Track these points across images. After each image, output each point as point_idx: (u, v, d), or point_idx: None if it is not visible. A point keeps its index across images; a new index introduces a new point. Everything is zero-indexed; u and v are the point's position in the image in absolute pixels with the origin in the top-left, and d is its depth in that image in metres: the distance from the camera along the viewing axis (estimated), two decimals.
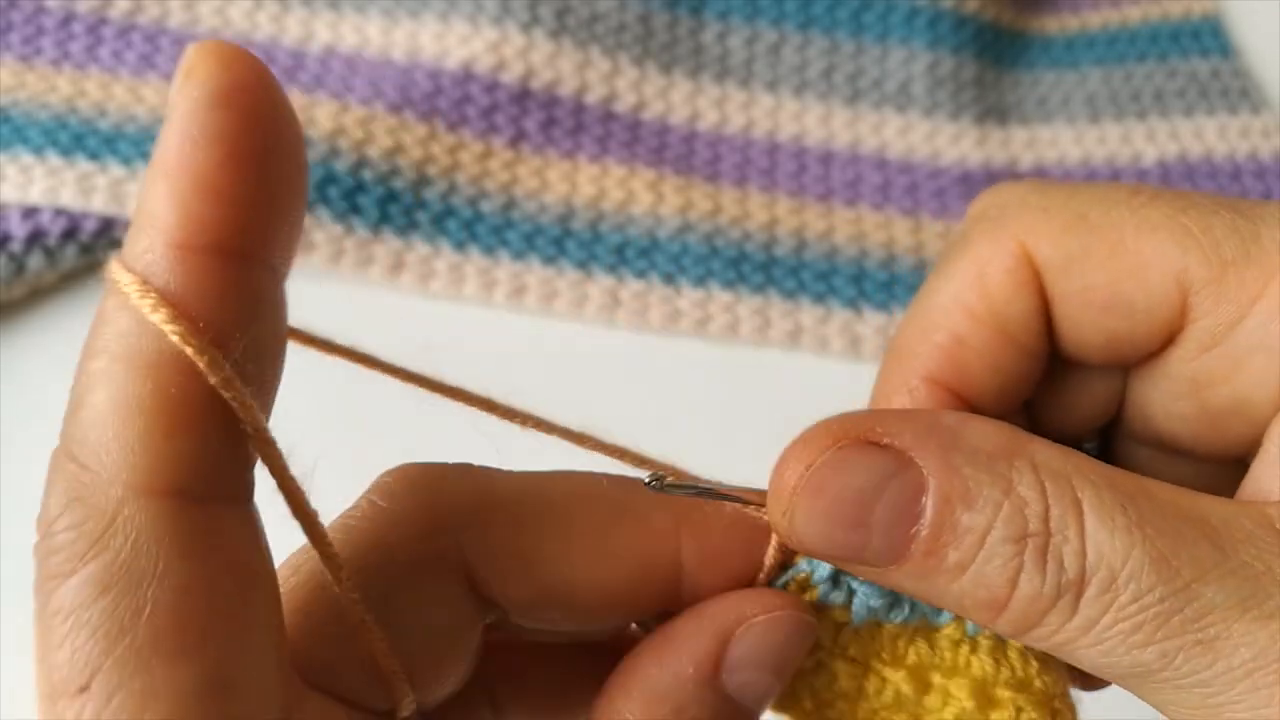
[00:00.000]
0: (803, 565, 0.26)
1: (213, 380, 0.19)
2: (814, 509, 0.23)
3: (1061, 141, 0.69)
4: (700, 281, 0.60)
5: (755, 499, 0.25)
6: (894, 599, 0.26)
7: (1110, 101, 0.70)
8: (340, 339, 0.27)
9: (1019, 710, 0.25)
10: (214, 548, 0.20)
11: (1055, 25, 0.76)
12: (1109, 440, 0.30)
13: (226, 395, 0.19)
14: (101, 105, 0.63)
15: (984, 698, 0.25)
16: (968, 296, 0.26)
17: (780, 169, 0.67)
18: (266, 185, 0.20)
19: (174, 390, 0.19)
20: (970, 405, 0.27)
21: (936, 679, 0.26)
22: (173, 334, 0.19)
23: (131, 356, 0.19)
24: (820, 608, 0.26)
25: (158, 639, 0.19)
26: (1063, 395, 0.29)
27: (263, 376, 0.21)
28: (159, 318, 0.19)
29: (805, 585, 0.26)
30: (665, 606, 0.26)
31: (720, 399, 0.57)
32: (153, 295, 0.19)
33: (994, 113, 0.70)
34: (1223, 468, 0.27)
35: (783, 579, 0.26)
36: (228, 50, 0.20)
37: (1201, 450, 0.27)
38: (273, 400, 0.22)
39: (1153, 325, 0.26)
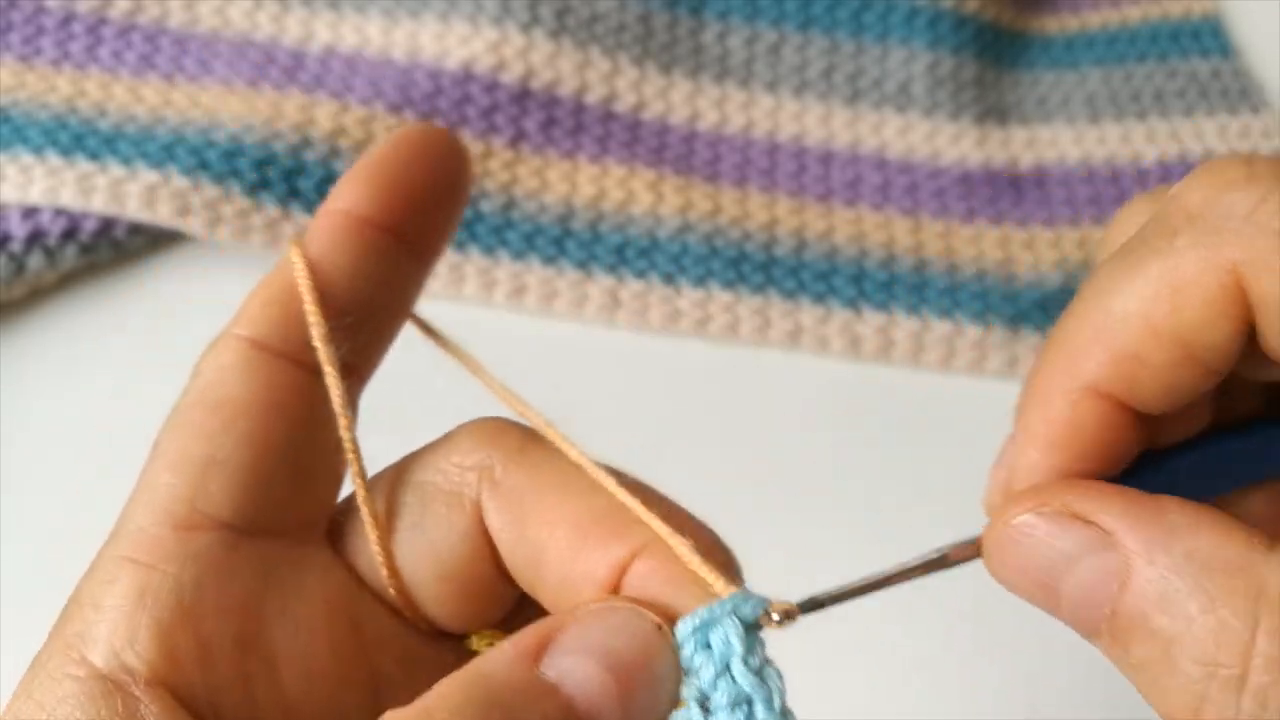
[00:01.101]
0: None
1: (303, 291, 0.27)
2: (1004, 569, 0.24)
3: (1061, 141, 0.69)
4: (700, 281, 0.60)
5: (919, 572, 0.25)
6: None
7: (1110, 101, 0.70)
8: None
9: None
10: (260, 377, 0.27)
11: (1055, 25, 0.76)
12: None
13: (306, 299, 0.27)
14: (101, 105, 0.63)
15: None
16: (1156, 314, 0.24)
17: (780, 169, 0.67)
18: (429, 191, 0.28)
19: (286, 290, 0.28)
20: (1134, 412, 0.25)
21: None
22: (296, 262, 0.28)
23: (277, 271, 0.28)
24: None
25: (191, 422, 0.27)
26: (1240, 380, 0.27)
27: (376, 329, 0.29)
28: (297, 262, 0.27)
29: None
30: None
31: (720, 399, 0.57)
32: (300, 253, 0.28)
33: (994, 113, 0.70)
34: None
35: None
36: (425, 127, 0.29)
37: None
38: (380, 352, 0.29)
39: None
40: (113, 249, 0.58)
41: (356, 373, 0.28)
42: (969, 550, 0.25)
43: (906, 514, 0.51)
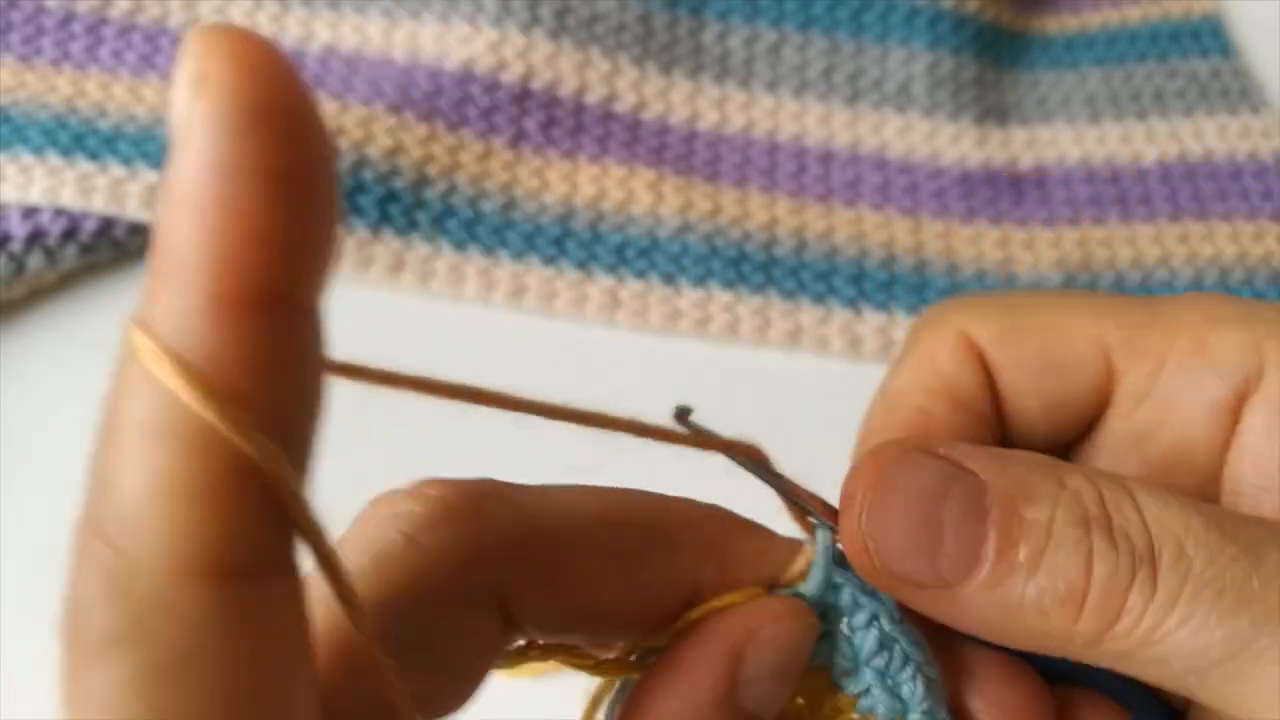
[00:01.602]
0: (805, 589, 0.26)
1: (253, 456, 0.17)
2: (888, 506, 0.24)
3: (1061, 141, 0.69)
4: (700, 281, 0.60)
5: (805, 495, 0.26)
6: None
7: (1110, 101, 0.70)
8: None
9: None
10: (261, 624, 0.18)
11: (1055, 25, 0.76)
12: None
13: (265, 468, 0.17)
14: (101, 105, 0.63)
15: None
16: (922, 377, 0.29)
17: (780, 169, 0.67)
18: (306, 219, 0.18)
19: (215, 468, 0.17)
20: None
21: None
22: (208, 413, 0.17)
23: (165, 433, 0.17)
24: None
25: None
26: None
27: (306, 423, 0.19)
28: (187, 393, 0.17)
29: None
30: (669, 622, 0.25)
31: (720, 399, 0.57)
32: (180, 366, 0.17)
33: (994, 113, 0.70)
34: None
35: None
36: (243, 44, 0.16)
37: None
38: (315, 440, 0.20)
39: (1085, 384, 0.28)
40: (113, 249, 0.58)
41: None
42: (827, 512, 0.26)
43: None
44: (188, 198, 0.17)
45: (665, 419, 0.28)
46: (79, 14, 0.67)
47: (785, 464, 0.31)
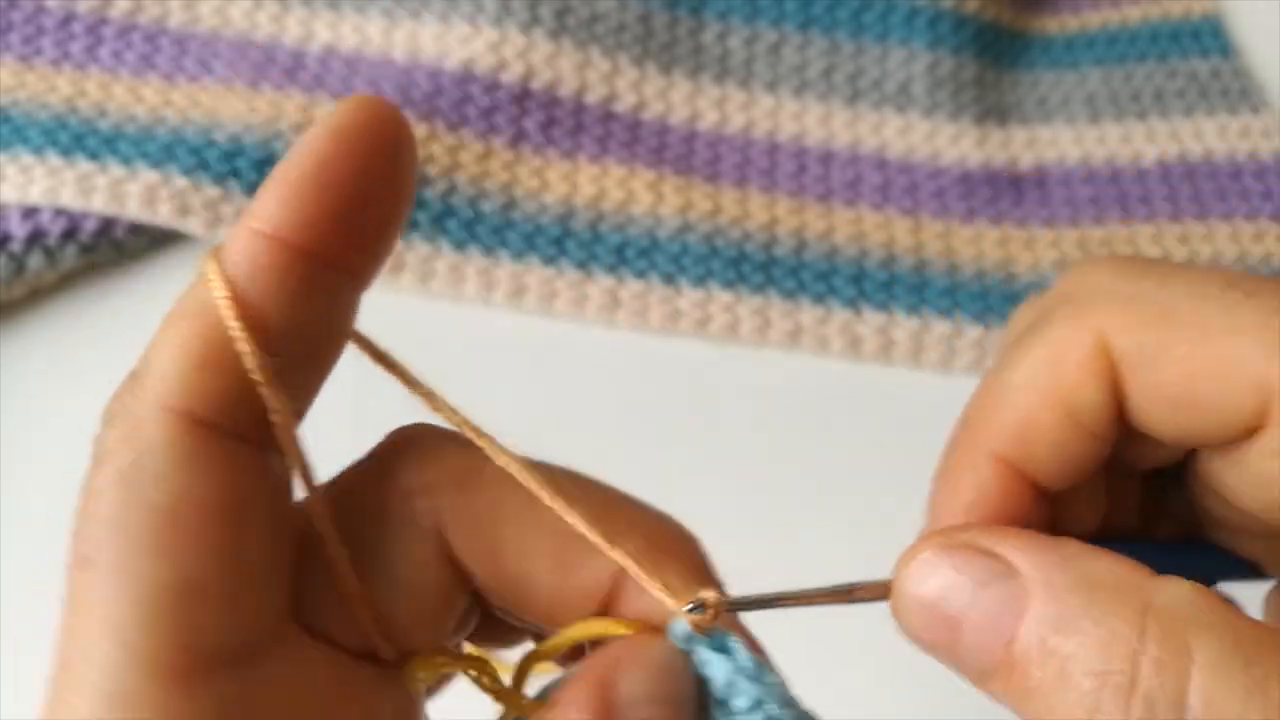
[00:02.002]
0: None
1: (234, 337, 0.23)
2: (915, 602, 0.24)
3: (1061, 141, 0.69)
4: (700, 281, 0.60)
5: (825, 598, 0.25)
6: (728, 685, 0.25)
7: (1110, 101, 0.70)
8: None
9: None
10: (215, 468, 0.23)
11: (1055, 25, 0.76)
12: (1188, 487, 0.29)
13: (241, 349, 0.23)
14: (101, 105, 0.63)
15: None
16: (1041, 380, 0.27)
17: (780, 169, 0.67)
18: (361, 209, 0.24)
19: (211, 339, 0.23)
20: (1035, 484, 0.27)
21: None
22: (218, 300, 0.23)
23: (192, 313, 0.24)
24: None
25: (147, 534, 0.22)
26: (1126, 451, 0.28)
27: (313, 357, 0.25)
28: (217, 287, 0.23)
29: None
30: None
31: (720, 399, 0.57)
32: (220, 275, 0.23)
33: (994, 113, 0.70)
34: None
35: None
36: (371, 98, 0.24)
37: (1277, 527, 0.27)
38: (317, 387, 0.26)
39: (1225, 424, 0.25)
40: (113, 249, 0.58)
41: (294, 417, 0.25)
42: (878, 590, 0.25)
43: (906, 514, 0.51)
44: (280, 167, 0.23)
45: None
46: (79, 14, 0.67)
47: (787, 464, 0.31)
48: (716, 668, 0.25)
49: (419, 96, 0.64)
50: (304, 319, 0.24)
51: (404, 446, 0.26)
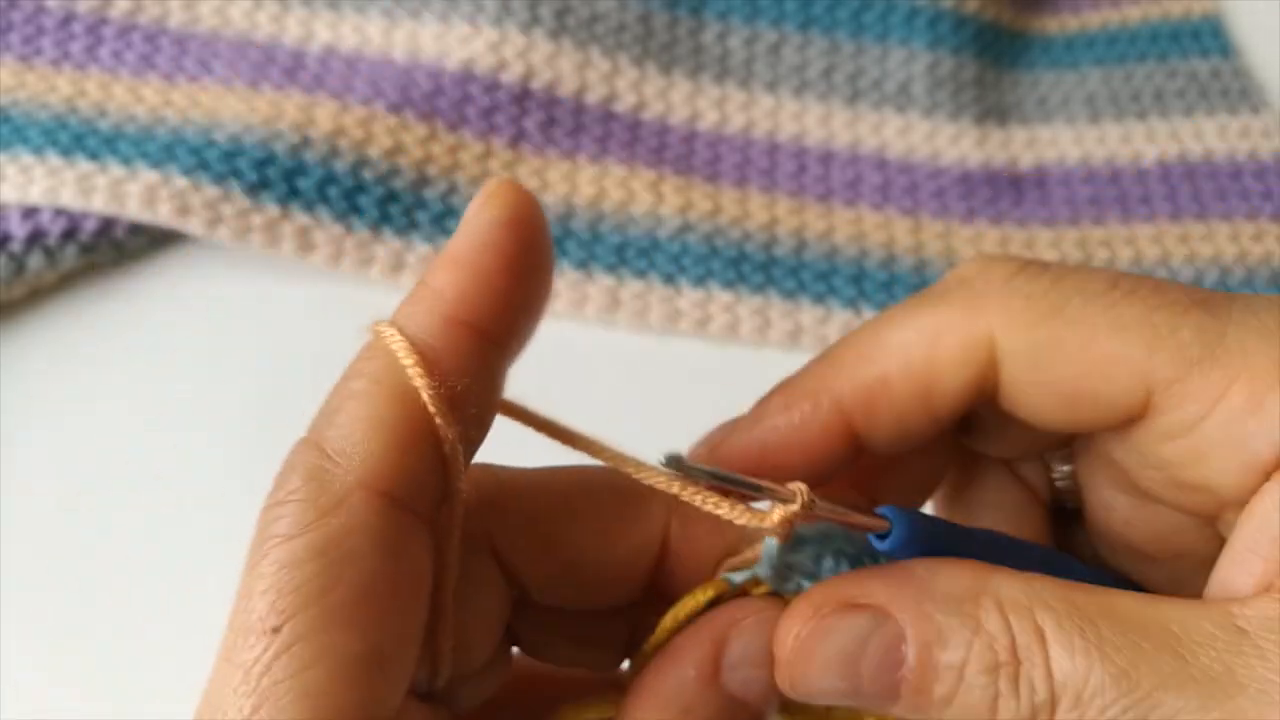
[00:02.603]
0: (759, 570, 0.28)
1: (437, 419, 0.24)
2: (808, 674, 0.26)
3: (1061, 141, 0.69)
4: (700, 281, 0.60)
5: (769, 487, 0.27)
6: None
7: (1110, 101, 0.70)
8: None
9: None
10: (405, 549, 0.24)
11: (1055, 25, 0.76)
12: (1082, 481, 0.31)
13: (443, 433, 0.25)
14: (101, 105, 0.63)
15: None
16: (914, 350, 0.28)
17: (780, 169, 0.67)
18: (524, 293, 0.26)
19: (414, 419, 0.24)
20: (857, 437, 0.29)
21: None
22: (417, 379, 0.24)
23: (387, 384, 0.25)
24: None
25: (343, 608, 0.23)
26: (1010, 440, 0.31)
27: (475, 431, 0.26)
28: (410, 363, 0.24)
29: (757, 584, 0.28)
30: (652, 583, 0.29)
31: (720, 399, 0.57)
32: (410, 349, 0.25)
33: (994, 113, 0.70)
34: (1192, 521, 0.28)
35: (739, 578, 0.28)
36: (519, 189, 0.26)
37: (1173, 504, 0.28)
38: (475, 450, 0.27)
39: (1115, 417, 0.27)
40: (113, 249, 0.58)
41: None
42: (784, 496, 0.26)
43: None
44: (453, 253, 0.26)
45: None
46: (79, 14, 0.67)
47: None
48: (805, 550, 0.27)
49: (419, 96, 0.64)
50: (479, 403, 0.26)
51: None
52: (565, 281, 0.59)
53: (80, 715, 0.44)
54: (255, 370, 0.55)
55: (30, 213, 0.57)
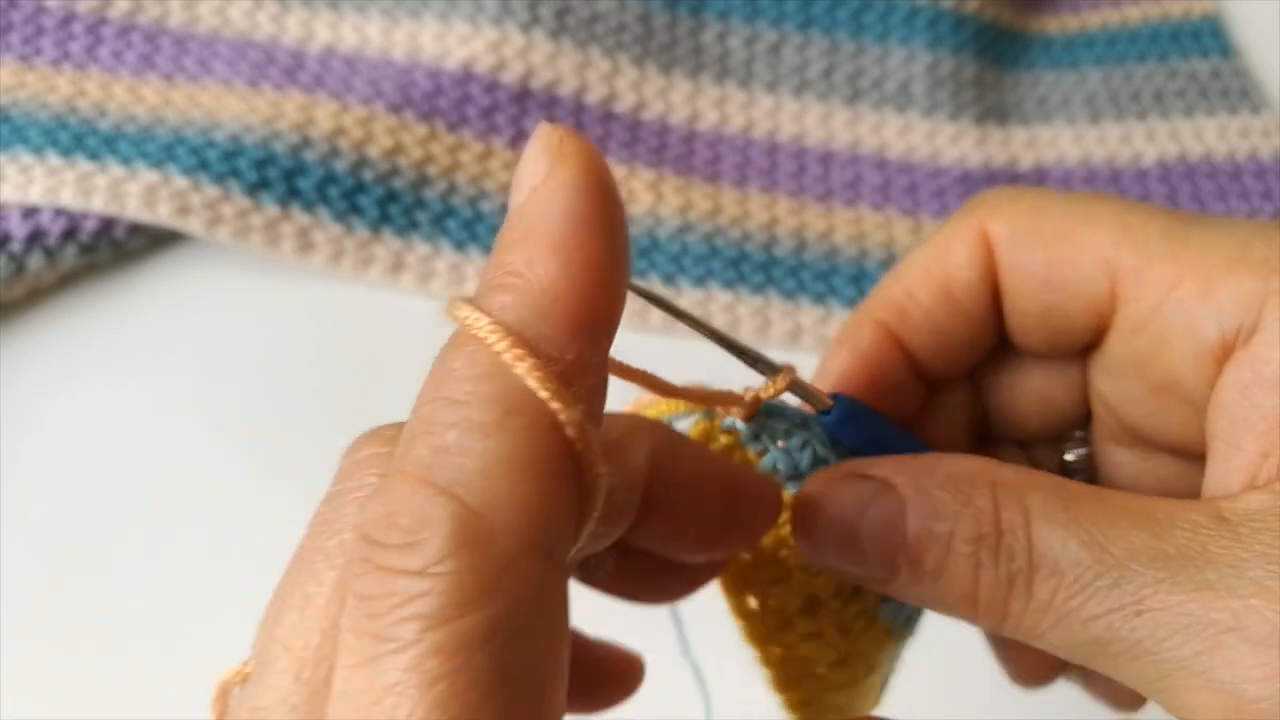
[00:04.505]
0: (731, 421, 0.30)
1: (585, 455, 0.20)
2: (813, 530, 0.27)
3: (1061, 141, 0.69)
4: (700, 281, 0.60)
5: (764, 360, 0.29)
6: (794, 464, 0.29)
7: (1110, 101, 0.70)
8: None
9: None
10: (562, 605, 0.21)
11: (1055, 25, 0.76)
12: (1094, 451, 0.33)
13: (591, 470, 0.21)
14: (101, 105, 0.63)
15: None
16: (929, 263, 0.31)
17: (780, 169, 0.67)
18: (621, 274, 0.22)
19: (561, 458, 0.20)
20: (910, 354, 0.32)
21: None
22: (554, 404, 0.20)
23: (507, 406, 0.20)
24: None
25: (530, 687, 0.19)
26: (1027, 394, 0.33)
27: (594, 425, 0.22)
28: (539, 383, 0.20)
29: (733, 447, 0.30)
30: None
31: None
32: (538, 366, 0.20)
33: (994, 113, 0.70)
34: (1191, 460, 0.30)
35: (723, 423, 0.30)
36: (584, 142, 0.22)
37: (1164, 435, 0.30)
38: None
39: (1083, 305, 0.29)
40: (113, 249, 0.58)
41: None
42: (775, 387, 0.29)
43: None
44: (546, 232, 0.21)
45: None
46: (79, 14, 0.67)
47: None
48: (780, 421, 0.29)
49: (419, 96, 0.64)
50: (589, 383, 0.22)
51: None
52: None
53: (80, 715, 0.44)
54: (255, 370, 0.55)
55: (30, 213, 0.57)
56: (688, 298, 0.59)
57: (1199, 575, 0.23)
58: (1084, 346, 0.31)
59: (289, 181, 0.59)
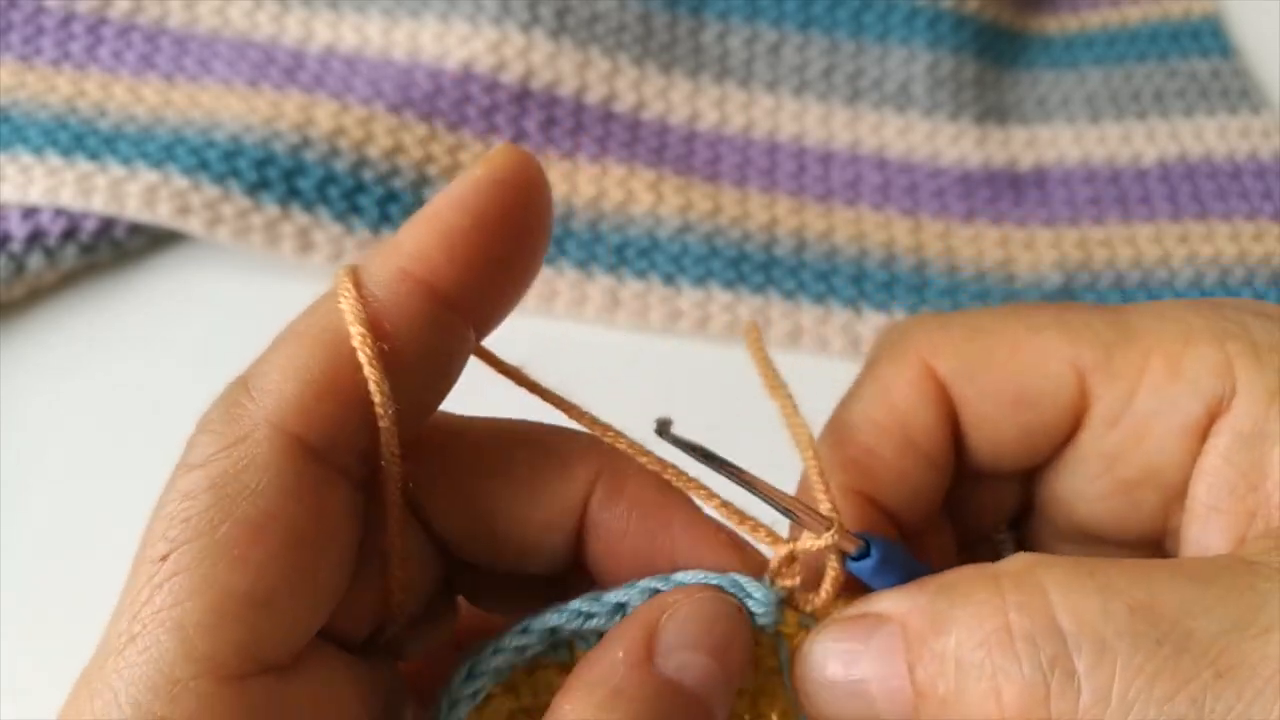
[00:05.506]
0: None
1: (366, 371, 0.23)
2: (816, 688, 0.25)
3: (1061, 141, 0.69)
4: (700, 281, 0.60)
5: (766, 489, 0.27)
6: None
7: (1110, 101, 0.70)
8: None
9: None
10: (314, 496, 0.23)
11: (1055, 25, 0.76)
12: (1024, 538, 0.32)
13: (371, 386, 0.23)
14: (101, 105, 0.63)
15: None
16: (875, 412, 0.29)
17: (780, 169, 0.67)
18: (497, 256, 0.25)
19: (337, 368, 0.24)
20: (886, 512, 0.29)
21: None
22: (350, 327, 0.24)
23: (320, 336, 0.24)
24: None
25: (232, 543, 0.22)
26: (972, 499, 0.31)
27: (426, 394, 0.25)
28: (348, 310, 0.24)
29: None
30: (578, 554, 0.28)
31: (720, 399, 0.57)
32: (358, 305, 0.24)
33: (994, 113, 0.70)
34: (1141, 552, 0.29)
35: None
36: (519, 153, 0.25)
37: (1122, 530, 0.29)
38: (426, 413, 0.26)
39: (1060, 411, 0.28)
40: (113, 249, 0.58)
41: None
42: (814, 529, 0.27)
43: None
44: (425, 210, 0.25)
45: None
46: (79, 14, 0.67)
47: (784, 461, 0.31)
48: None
49: (419, 96, 0.64)
50: (428, 364, 0.25)
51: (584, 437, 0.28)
52: (565, 281, 0.59)
53: None
54: None
55: (30, 213, 0.57)
56: (688, 298, 0.59)
57: (1263, 615, 0.21)
58: (1054, 453, 0.29)
59: (289, 181, 0.59)
